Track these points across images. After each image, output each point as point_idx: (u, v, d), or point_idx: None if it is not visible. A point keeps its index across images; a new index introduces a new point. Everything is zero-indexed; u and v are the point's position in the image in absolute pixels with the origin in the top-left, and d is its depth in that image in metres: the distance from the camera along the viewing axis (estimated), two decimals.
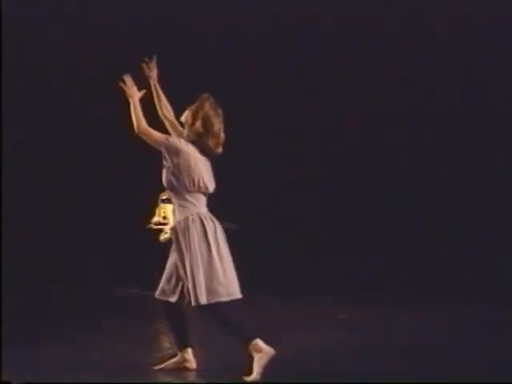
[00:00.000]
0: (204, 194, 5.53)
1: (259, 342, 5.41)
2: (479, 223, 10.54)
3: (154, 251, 9.19)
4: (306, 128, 10.91)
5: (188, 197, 5.46)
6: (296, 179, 10.81)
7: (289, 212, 10.78)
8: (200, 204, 5.51)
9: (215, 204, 5.64)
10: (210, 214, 5.55)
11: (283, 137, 10.89)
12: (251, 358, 5.37)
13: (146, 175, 10.35)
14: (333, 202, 10.77)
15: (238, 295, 5.49)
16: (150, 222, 10.26)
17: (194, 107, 5.60)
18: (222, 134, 5.58)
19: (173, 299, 5.50)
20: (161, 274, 5.62)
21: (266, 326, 7.24)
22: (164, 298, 5.54)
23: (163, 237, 9.85)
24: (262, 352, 5.38)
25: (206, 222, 5.45)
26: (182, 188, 5.45)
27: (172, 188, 5.49)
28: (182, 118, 5.66)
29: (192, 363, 5.63)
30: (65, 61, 10.63)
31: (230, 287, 5.44)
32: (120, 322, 7.92)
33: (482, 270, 10.04)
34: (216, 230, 5.49)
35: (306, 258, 10.39)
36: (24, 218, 10.52)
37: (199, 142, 5.52)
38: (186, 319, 5.62)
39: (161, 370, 5.64)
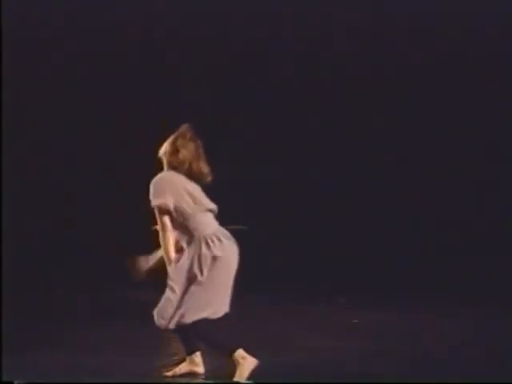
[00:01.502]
0: (209, 211, 5.55)
1: (241, 352, 5.41)
2: (479, 224, 10.55)
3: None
4: (307, 129, 10.92)
5: (191, 222, 5.46)
6: (296, 180, 10.81)
7: (299, 214, 10.78)
8: (203, 225, 5.50)
9: (221, 206, 5.62)
10: (218, 232, 5.53)
11: (283, 138, 10.90)
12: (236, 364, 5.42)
13: (148, 175, 10.37)
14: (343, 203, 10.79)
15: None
16: (154, 224, 10.00)
17: (172, 138, 5.64)
18: (202, 163, 5.58)
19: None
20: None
21: (275, 329, 7.29)
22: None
23: None
24: (245, 359, 5.39)
25: (211, 244, 5.46)
26: (183, 214, 5.47)
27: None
28: (161, 151, 5.64)
29: (200, 367, 5.63)
30: (65, 61, 10.64)
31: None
32: (121, 324, 7.90)
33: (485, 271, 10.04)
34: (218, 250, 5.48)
35: (315, 260, 10.39)
36: (24, 219, 10.51)
37: (183, 170, 5.55)
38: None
39: (171, 376, 5.60)
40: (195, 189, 5.54)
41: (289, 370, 5.72)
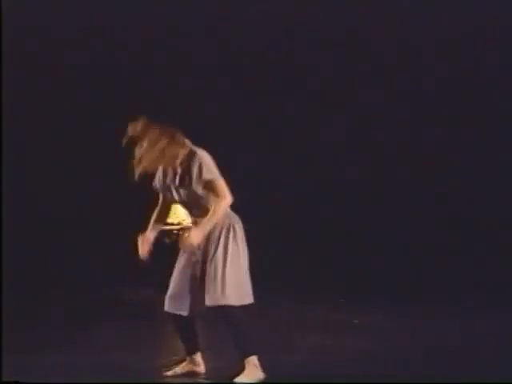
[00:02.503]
0: None
1: (255, 360, 5.42)
2: (480, 223, 10.56)
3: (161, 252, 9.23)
4: (306, 128, 10.92)
5: None
6: (296, 179, 10.82)
7: (302, 214, 10.78)
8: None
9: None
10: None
11: (284, 138, 10.90)
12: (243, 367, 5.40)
13: (149, 175, 10.38)
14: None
15: (250, 300, 5.48)
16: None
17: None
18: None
19: (184, 312, 5.42)
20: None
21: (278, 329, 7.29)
22: (175, 312, 5.45)
23: (174, 238, 9.74)
24: (256, 368, 5.39)
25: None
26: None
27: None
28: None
29: (201, 366, 5.63)
30: (65, 61, 10.65)
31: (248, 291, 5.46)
32: (121, 324, 7.89)
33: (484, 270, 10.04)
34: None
35: (318, 260, 10.38)
36: (24, 219, 10.50)
37: None
38: (196, 327, 5.60)
39: (172, 376, 5.59)
40: None
41: (289, 369, 5.71)
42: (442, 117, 10.80)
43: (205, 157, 5.41)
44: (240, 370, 5.39)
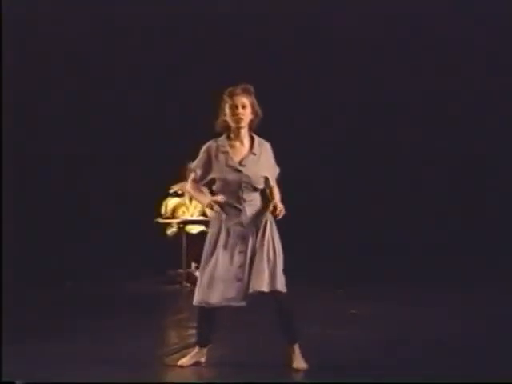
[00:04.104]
0: None
1: (298, 349, 5.51)
2: (479, 212, 10.62)
3: (157, 246, 9.30)
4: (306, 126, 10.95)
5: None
6: (296, 177, 10.82)
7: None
8: None
9: None
10: None
11: (283, 136, 10.91)
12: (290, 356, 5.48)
13: (148, 174, 10.40)
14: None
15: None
16: (156, 217, 9.92)
17: (250, 98, 5.59)
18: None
19: (242, 303, 5.46)
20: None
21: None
22: (230, 304, 5.45)
23: (170, 231, 9.73)
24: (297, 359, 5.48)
25: None
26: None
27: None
28: (244, 119, 5.55)
29: (204, 357, 5.63)
30: (65, 61, 10.67)
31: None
32: (121, 320, 7.87)
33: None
34: None
35: (317, 252, 10.40)
36: (24, 216, 10.49)
37: None
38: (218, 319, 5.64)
39: (181, 366, 5.58)
40: None
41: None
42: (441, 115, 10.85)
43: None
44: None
